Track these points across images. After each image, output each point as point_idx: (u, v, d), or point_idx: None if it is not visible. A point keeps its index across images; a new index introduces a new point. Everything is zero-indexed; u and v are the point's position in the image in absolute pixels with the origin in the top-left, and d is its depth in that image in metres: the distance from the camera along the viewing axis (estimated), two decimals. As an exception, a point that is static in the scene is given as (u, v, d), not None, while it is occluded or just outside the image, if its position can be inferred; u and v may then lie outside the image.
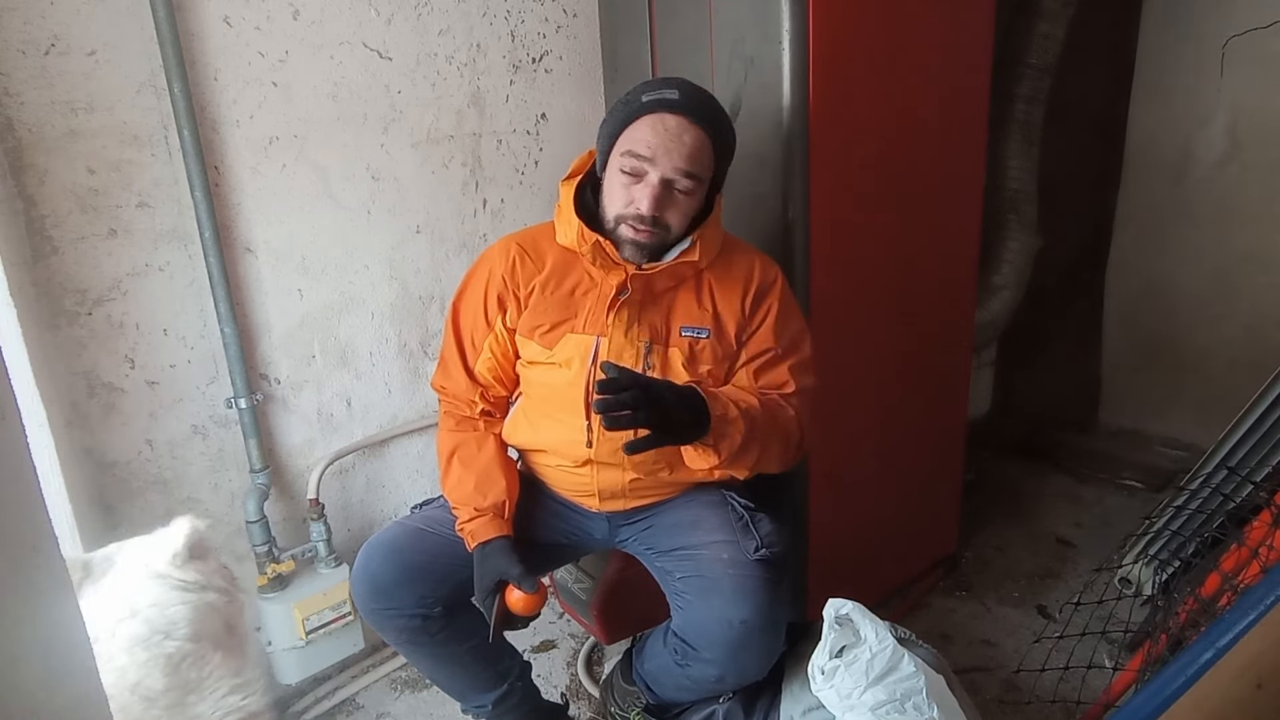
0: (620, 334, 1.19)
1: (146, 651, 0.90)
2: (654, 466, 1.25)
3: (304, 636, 1.62)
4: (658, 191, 1.13)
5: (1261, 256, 2.38)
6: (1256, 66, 2.28)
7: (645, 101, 1.13)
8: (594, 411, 1.02)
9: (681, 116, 1.12)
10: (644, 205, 1.14)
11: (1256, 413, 1.56)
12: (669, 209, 1.16)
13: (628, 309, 1.20)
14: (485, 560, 1.19)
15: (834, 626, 1.14)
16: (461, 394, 1.31)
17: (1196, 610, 1.33)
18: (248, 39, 1.45)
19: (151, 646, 0.91)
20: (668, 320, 1.22)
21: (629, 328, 1.19)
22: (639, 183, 1.14)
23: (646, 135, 1.13)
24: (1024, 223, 2.26)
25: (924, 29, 1.57)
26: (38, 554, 0.48)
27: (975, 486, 2.26)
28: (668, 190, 1.14)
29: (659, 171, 1.13)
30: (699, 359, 1.21)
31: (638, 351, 1.19)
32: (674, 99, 1.13)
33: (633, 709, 1.37)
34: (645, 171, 1.14)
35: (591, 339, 1.20)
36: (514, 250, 1.26)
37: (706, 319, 1.21)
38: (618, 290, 1.19)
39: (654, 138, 1.12)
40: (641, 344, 1.20)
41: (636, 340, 1.20)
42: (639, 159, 1.13)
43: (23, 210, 1.29)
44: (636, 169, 1.14)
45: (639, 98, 1.14)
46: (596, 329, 1.20)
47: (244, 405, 1.53)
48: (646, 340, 1.20)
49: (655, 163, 1.13)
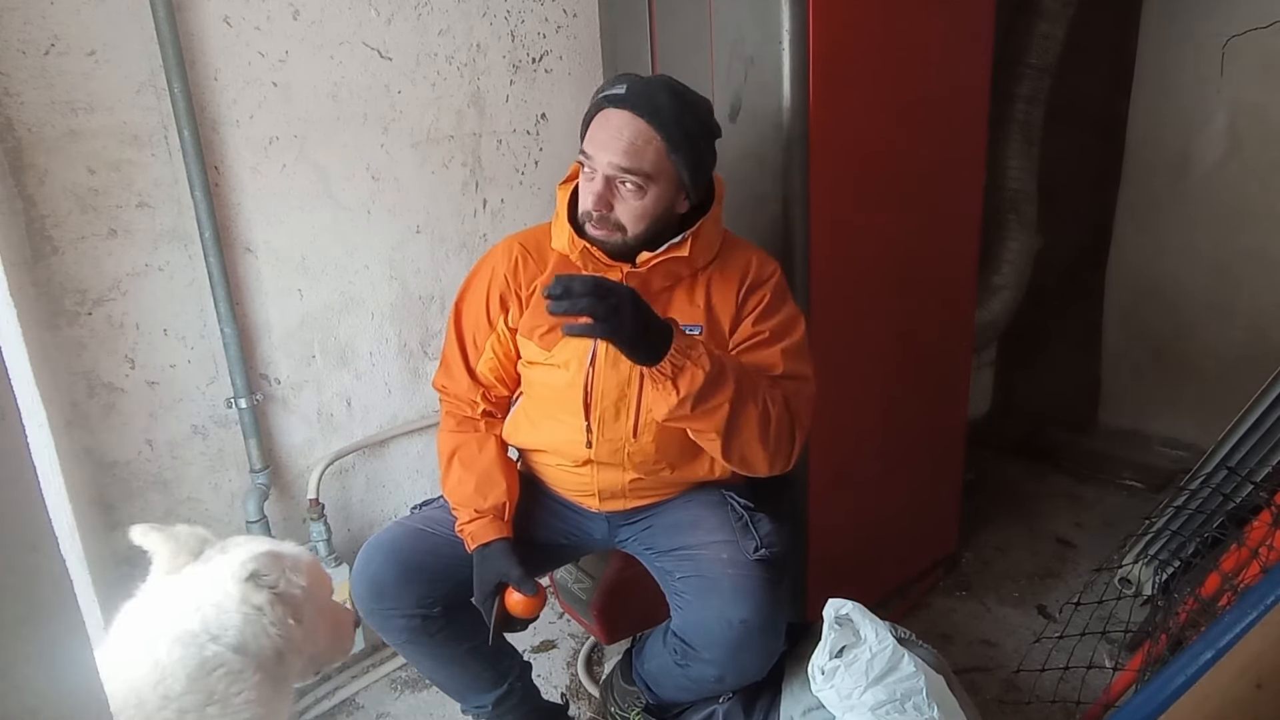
0: None
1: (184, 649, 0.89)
2: (654, 466, 1.25)
3: (304, 636, 1.61)
4: (599, 189, 1.12)
5: (1261, 256, 2.38)
6: (1256, 66, 2.28)
7: (597, 99, 1.14)
8: (549, 313, 0.97)
9: (624, 110, 1.11)
10: (587, 202, 1.14)
11: (1256, 413, 1.56)
12: (617, 206, 1.14)
13: None
14: (485, 562, 1.19)
15: (834, 626, 1.15)
16: (463, 394, 1.31)
17: (1196, 610, 1.33)
18: (248, 39, 1.45)
19: (191, 646, 0.90)
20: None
21: None
22: (590, 181, 1.14)
23: (594, 132, 1.13)
24: (1024, 223, 2.26)
25: (924, 29, 1.57)
26: (38, 554, 0.48)
27: (975, 486, 2.26)
28: (610, 187, 1.13)
29: (599, 169, 1.12)
30: None
31: None
32: (619, 94, 1.11)
33: (633, 709, 1.37)
34: (594, 170, 1.13)
35: (590, 340, 1.19)
36: (516, 250, 1.26)
37: (699, 315, 1.21)
38: None
39: (598, 133, 1.12)
40: None
41: None
42: (586, 157, 1.13)
43: (23, 210, 1.29)
44: (588, 167, 1.14)
45: (597, 95, 1.15)
46: None
47: (244, 405, 1.53)
48: None
49: (595, 159, 1.12)
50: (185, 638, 0.90)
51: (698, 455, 1.26)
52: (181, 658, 0.88)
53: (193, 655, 0.89)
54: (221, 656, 0.90)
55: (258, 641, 0.94)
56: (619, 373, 1.19)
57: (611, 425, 1.21)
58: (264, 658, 0.94)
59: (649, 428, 1.21)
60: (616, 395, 1.20)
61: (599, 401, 1.20)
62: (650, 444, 1.22)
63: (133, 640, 0.91)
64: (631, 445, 1.22)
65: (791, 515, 1.60)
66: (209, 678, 0.88)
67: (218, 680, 0.89)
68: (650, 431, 1.21)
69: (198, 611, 0.92)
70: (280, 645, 0.96)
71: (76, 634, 0.52)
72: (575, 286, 0.95)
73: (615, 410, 1.20)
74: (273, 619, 0.95)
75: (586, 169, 1.14)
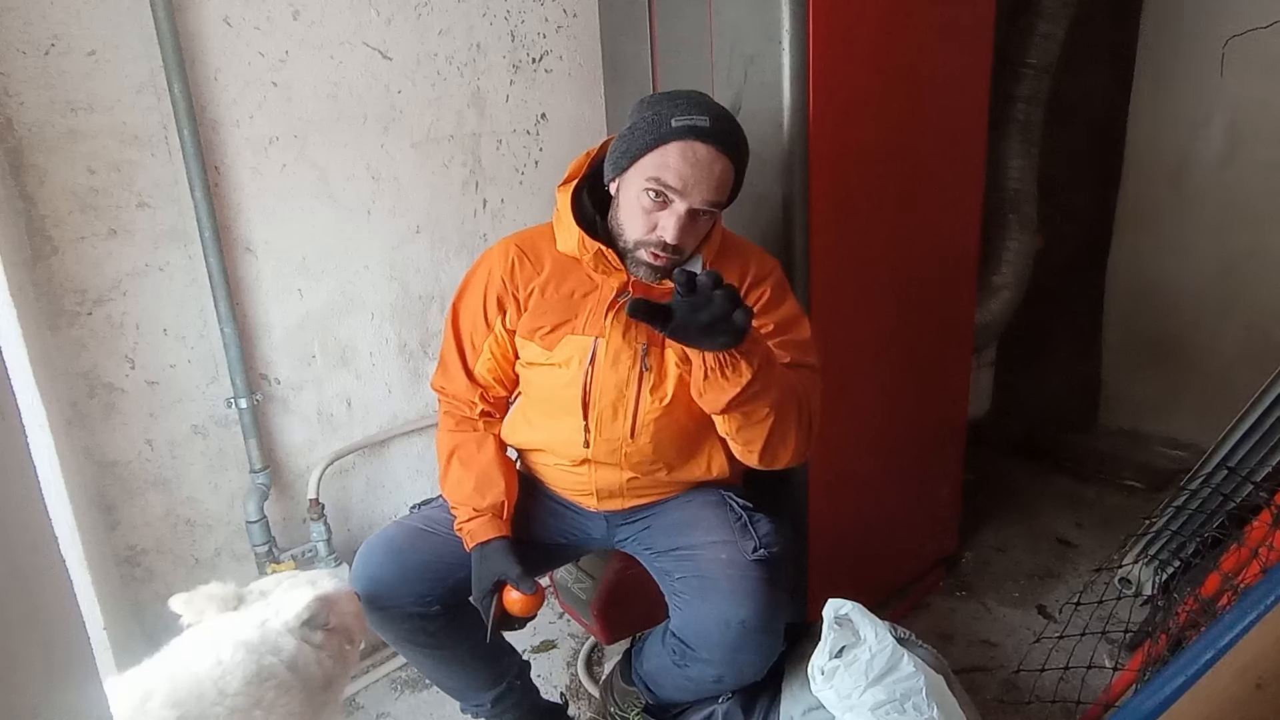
0: (618, 335, 1.19)
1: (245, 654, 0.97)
2: (651, 467, 1.25)
3: (304, 636, 1.62)
4: (684, 222, 1.10)
5: (1262, 256, 2.38)
6: (1256, 66, 2.27)
7: (676, 127, 1.07)
8: (672, 308, 0.91)
9: (712, 146, 1.08)
10: (670, 235, 1.10)
11: (1256, 413, 1.55)
12: (689, 236, 1.13)
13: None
14: (483, 560, 1.19)
15: (834, 627, 1.15)
16: (461, 394, 1.31)
17: (1196, 610, 1.33)
18: (248, 39, 1.45)
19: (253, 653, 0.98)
20: None
21: (627, 330, 1.19)
22: (663, 210, 1.10)
23: (677, 164, 1.07)
24: (1024, 223, 2.26)
25: (924, 29, 1.57)
26: (38, 554, 0.48)
27: (975, 486, 2.26)
28: (693, 219, 1.11)
29: (688, 203, 1.09)
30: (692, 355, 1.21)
31: (635, 353, 1.19)
32: (705, 127, 1.07)
33: (632, 709, 1.37)
34: (672, 201, 1.09)
35: (590, 340, 1.20)
36: (513, 252, 1.26)
37: None
38: (618, 293, 1.19)
39: (685, 168, 1.07)
40: (639, 345, 1.19)
41: (634, 342, 1.19)
42: (668, 188, 1.08)
43: (23, 210, 1.29)
44: (664, 197, 1.10)
45: (668, 120, 1.07)
46: (595, 330, 1.20)
47: (244, 405, 1.53)
48: (643, 343, 1.19)
49: (685, 194, 1.08)
50: (248, 645, 0.99)
51: (694, 456, 1.27)
52: (243, 661, 0.96)
53: (252, 661, 0.97)
54: (275, 669, 0.99)
55: (308, 668, 1.03)
56: (617, 373, 1.19)
57: (609, 425, 1.21)
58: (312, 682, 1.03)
59: (646, 428, 1.21)
60: (615, 395, 1.20)
61: (597, 401, 1.20)
62: (647, 444, 1.22)
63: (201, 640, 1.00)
64: (629, 445, 1.22)
65: (791, 515, 1.61)
66: (262, 685, 0.96)
67: (269, 689, 0.97)
68: (647, 432, 1.21)
69: (260, 627, 1.01)
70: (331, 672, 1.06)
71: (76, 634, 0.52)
72: (707, 283, 0.90)
73: (613, 410, 1.21)
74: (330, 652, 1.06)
75: (657, 197, 1.10)
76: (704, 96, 1.13)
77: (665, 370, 1.20)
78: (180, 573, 1.56)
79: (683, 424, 1.22)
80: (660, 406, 1.20)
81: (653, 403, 1.20)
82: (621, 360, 1.19)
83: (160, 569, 1.53)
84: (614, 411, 1.21)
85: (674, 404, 1.20)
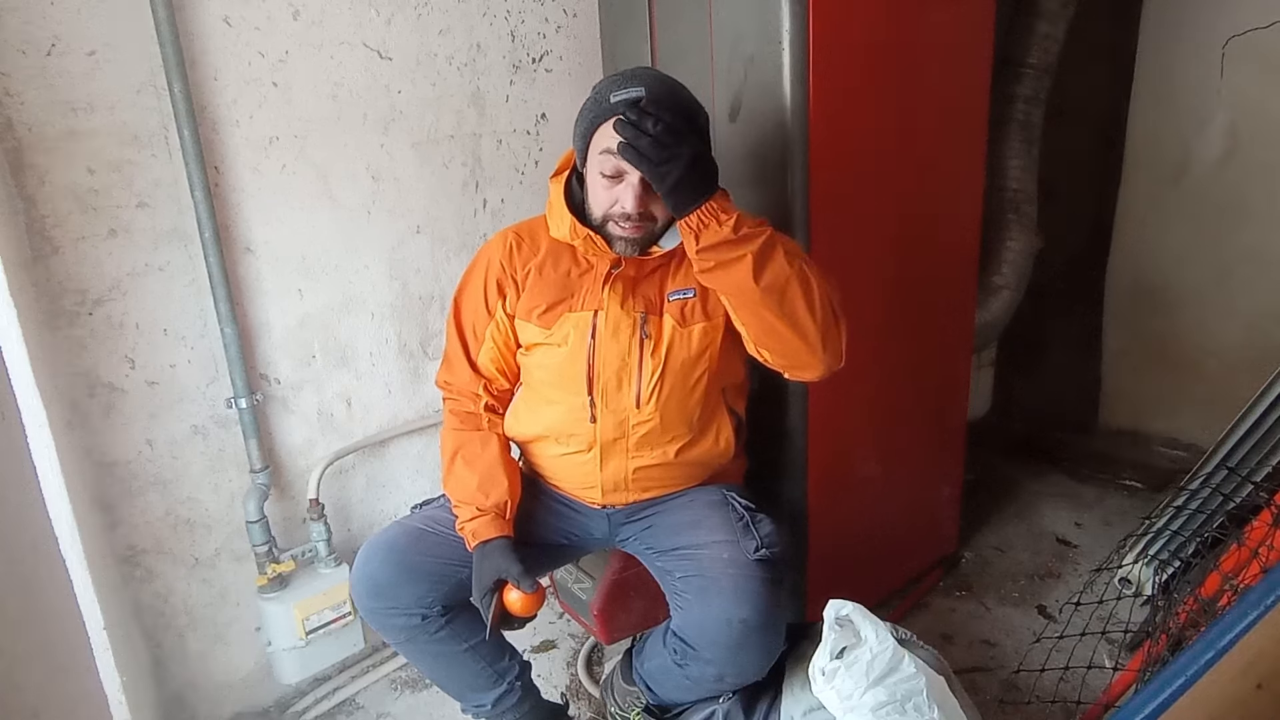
0: (616, 306, 1.22)
1: None
2: (660, 440, 1.26)
3: (304, 636, 1.62)
4: (639, 190, 1.13)
5: (1262, 256, 2.37)
6: (1256, 66, 2.27)
7: (614, 102, 1.11)
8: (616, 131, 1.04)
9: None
10: (629, 205, 1.14)
11: (1256, 413, 1.55)
12: (653, 203, 1.16)
13: (622, 283, 1.22)
14: (485, 559, 1.19)
15: (834, 627, 1.15)
16: (465, 387, 1.32)
17: (1196, 610, 1.33)
18: (248, 39, 1.45)
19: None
20: (660, 290, 1.24)
21: (624, 300, 1.22)
22: (620, 183, 1.14)
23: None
24: (1024, 223, 2.26)
25: (924, 29, 1.57)
26: (38, 554, 0.48)
27: (975, 486, 2.26)
28: (648, 187, 1.13)
29: (637, 171, 1.11)
30: (689, 319, 1.23)
31: (634, 322, 1.22)
32: (640, 96, 1.10)
33: (633, 709, 1.37)
34: (624, 172, 1.13)
35: (589, 315, 1.22)
36: (511, 237, 1.29)
37: (690, 279, 1.22)
38: (611, 265, 1.22)
39: None
40: (637, 314, 1.22)
41: (632, 311, 1.22)
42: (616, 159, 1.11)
43: (23, 210, 1.29)
44: (616, 169, 1.13)
45: (607, 97, 1.12)
46: (594, 305, 1.22)
47: (244, 405, 1.53)
48: (641, 311, 1.22)
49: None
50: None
51: (703, 429, 1.28)
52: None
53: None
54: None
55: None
56: (619, 343, 1.22)
57: (615, 396, 1.23)
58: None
59: (652, 396, 1.23)
60: (618, 364, 1.22)
61: (601, 372, 1.22)
62: (654, 414, 1.23)
63: None
64: (636, 416, 1.24)
65: (791, 515, 1.61)
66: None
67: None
68: (654, 400, 1.23)
69: None
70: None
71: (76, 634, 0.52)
72: (650, 125, 1.01)
73: (617, 380, 1.23)
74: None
75: (611, 172, 1.13)
76: (643, 69, 1.16)
77: (663, 334, 1.22)
78: (180, 573, 1.56)
79: (687, 388, 1.24)
80: (661, 365, 1.21)
81: (654, 366, 1.22)
82: (622, 330, 1.21)
83: (160, 569, 1.53)
84: (618, 381, 1.23)
85: (674, 364, 1.22)
